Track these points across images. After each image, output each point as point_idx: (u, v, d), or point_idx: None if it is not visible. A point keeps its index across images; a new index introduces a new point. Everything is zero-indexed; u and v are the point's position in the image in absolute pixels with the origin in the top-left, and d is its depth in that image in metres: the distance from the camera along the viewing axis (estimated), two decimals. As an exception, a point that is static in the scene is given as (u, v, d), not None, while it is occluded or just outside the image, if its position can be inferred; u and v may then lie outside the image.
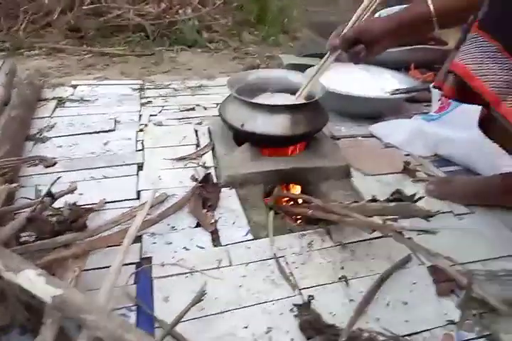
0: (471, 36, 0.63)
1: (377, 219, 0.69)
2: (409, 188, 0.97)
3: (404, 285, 0.72)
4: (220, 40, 2.32)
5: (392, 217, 0.67)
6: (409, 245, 0.63)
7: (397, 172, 1.03)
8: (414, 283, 0.72)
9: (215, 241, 0.82)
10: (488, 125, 0.79)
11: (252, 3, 2.50)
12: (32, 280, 0.53)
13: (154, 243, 0.80)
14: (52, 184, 0.72)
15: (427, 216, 0.62)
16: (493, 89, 0.60)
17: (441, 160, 1.10)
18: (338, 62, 0.90)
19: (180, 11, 2.41)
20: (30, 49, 2.04)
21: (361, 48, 0.79)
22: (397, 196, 0.67)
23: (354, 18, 0.84)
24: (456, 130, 1.01)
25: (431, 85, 1.11)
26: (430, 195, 0.94)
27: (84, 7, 2.25)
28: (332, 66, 0.93)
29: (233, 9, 2.57)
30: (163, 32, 2.26)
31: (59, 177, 0.78)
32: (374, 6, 0.83)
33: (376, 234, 0.77)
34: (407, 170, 1.01)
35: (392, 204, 0.67)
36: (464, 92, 0.65)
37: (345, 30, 0.82)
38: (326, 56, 0.90)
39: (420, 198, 0.67)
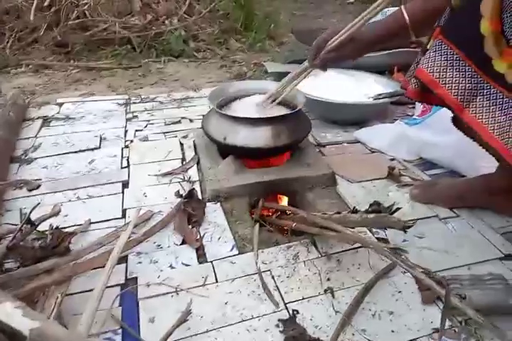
0: (436, 43, 0.64)
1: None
2: (395, 194, 0.98)
3: (389, 294, 0.72)
4: (207, 48, 2.33)
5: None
6: (388, 257, 0.63)
7: (382, 178, 1.03)
8: (400, 292, 0.72)
9: (201, 257, 0.82)
10: (460, 122, 0.79)
11: (238, 10, 2.51)
12: (9, 313, 0.53)
13: (140, 262, 0.80)
14: (31, 211, 0.72)
15: (404, 227, 0.62)
16: (456, 97, 0.60)
17: (426, 164, 1.10)
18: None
19: (166, 22, 2.42)
20: (17, 66, 2.05)
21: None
22: (376, 207, 0.68)
23: (336, 42, 0.83)
24: (439, 133, 1.01)
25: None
26: (415, 199, 0.94)
27: (70, 22, 2.26)
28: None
29: (219, 17, 2.58)
30: (150, 43, 2.26)
31: (38, 204, 0.79)
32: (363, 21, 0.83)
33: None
34: (392, 176, 1.01)
35: (371, 215, 0.67)
36: (424, 94, 0.68)
37: (324, 51, 0.85)
38: (302, 68, 0.92)
39: (398, 209, 0.67)
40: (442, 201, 0.92)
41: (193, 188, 0.97)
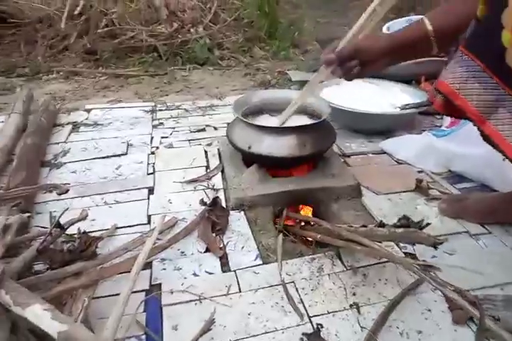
0: (457, 55, 0.63)
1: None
2: (422, 207, 0.96)
3: (418, 312, 0.70)
4: (231, 57, 2.35)
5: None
6: (418, 274, 0.61)
7: (409, 191, 1.01)
8: (429, 310, 0.70)
9: (224, 266, 0.81)
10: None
11: (262, 18, 2.53)
12: (38, 315, 0.54)
13: (164, 269, 0.80)
14: (60, 215, 0.74)
15: (435, 243, 0.60)
16: (477, 109, 0.59)
17: (455, 177, 1.07)
18: (331, 76, 0.88)
19: (191, 30, 2.46)
20: (49, 73, 2.11)
21: (355, 64, 0.78)
22: (404, 222, 0.66)
23: (350, 34, 0.82)
24: (469, 145, 0.99)
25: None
26: (443, 214, 0.92)
27: (99, 30, 2.33)
28: (326, 80, 0.93)
29: (244, 25, 2.61)
30: (176, 51, 2.30)
31: (67, 209, 0.80)
32: (373, 23, 0.82)
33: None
34: (420, 188, 0.99)
35: (400, 230, 0.66)
36: (452, 107, 0.66)
37: (340, 45, 0.81)
38: (320, 70, 0.88)
39: (428, 224, 0.65)
40: (472, 216, 0.89)
41: (217, 196, 0.98)
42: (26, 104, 1.44)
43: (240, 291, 0.75)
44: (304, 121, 1.04)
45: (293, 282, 0.77)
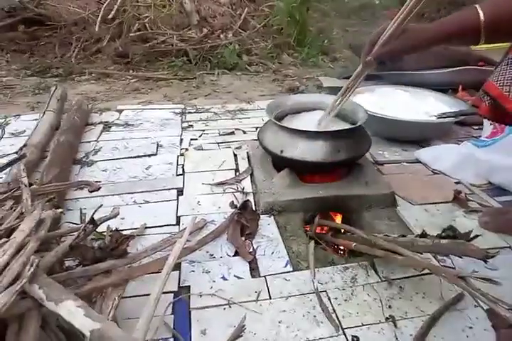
0: (509, 57, 0.61)
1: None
2: (461, 220, 0.92)
3: (459, 329, 0.66)
4: (259, 62, 2.35)
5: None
6: (466, 289, 0.58)
7: (446, 202, 0.97)
8: (471, 328, 0.66)
9: (254, 271, 0.80)
10: None
11: (292, 25, 2.53)
12: (72, 311, 0.53)
13: (193, 271, 0.79)
14: (94, 211, 0.73)
15: (486, 257, 0.56)
16: None
17: (495, 189, 1.03)
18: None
19: (221, 36, 2.48)
20: (81, 74, 2.16)
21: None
22: (450, 233, 0.62)
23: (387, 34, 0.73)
24: (511, 156, 0.94)
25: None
26: (484, 227, 0.88)
27: (131, 34, 2.37)
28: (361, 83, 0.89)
29: (273, 32, 2.61)
30: (205, 56, 2.32)
31: (101, 206, 0.80)
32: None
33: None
34: (458, 200, 0.95)
35: (445, 241, 0.62)
36: (498, 112, 0.64)
37: (380, 42, 0.74)
38: (358, 70, 0.84)
39: (476, 236, 0.62)
40: (516, 230, 0.85)
41: (248, 199, 0.96)
42: (60, 103, 1.46)
43: (270, 298, 0.73)
44: (339, 126, 1.01)
45: (325, 291, 0.74)
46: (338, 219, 0.99)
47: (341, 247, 0.87)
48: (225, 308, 0.71)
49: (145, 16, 2.46)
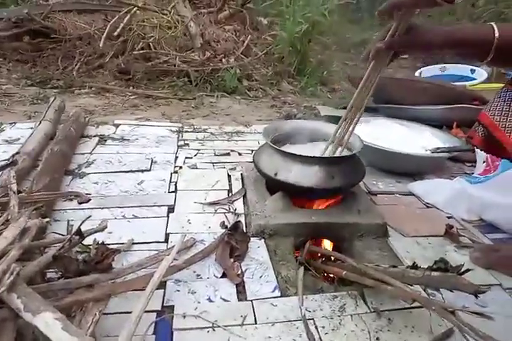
0: (502, 90, 0.66)
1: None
2: (452, 254, 0.91)
3: (448, 366, 0.64)
4: (259, 88, 2.40)
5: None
6: (456, 324, 0.57)
7: (438, 236, 0.97)
8: (460, 366, 0.64)
9: (241, 294, 0.77)
10: None
11: (293, 55, 2.60)
12: (49, 324, 0.51)
13: (178, 291, 0.77)
14: (81, 223, 0.72)
15: (477, 292, 0.56)
16: None
17: (487, 226, 1.03)
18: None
19: (223, 60, 2.53)
20: (81, 87, 2.17)
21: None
22: (442, 265, 0.62)
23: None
24: (504, 194, 0.96)
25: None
26: (475, 263, 0.87)
27: (134, 52, 2.41)
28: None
29: (274, 60, 2.68)
30: (206, 78, 2.35)
31: (89, 217, 0.78)
32: None
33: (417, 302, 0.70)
34: (450, 234, 0.95)
35: (436, 273, 0.62)
36: (490, 143, 0.67)
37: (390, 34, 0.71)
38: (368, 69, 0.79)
39: (468, 270, 0.61)
40: (506, 268, 0.85)
41: (239, 220, 0.95)
42: (57, 114, 1.46)
43: (256, 323, 0.71)
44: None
45: (312, 319, 0.72)
46: (329, 246, 0.98)
47: (331, 275, 0.86)
48: (208, 331, 0.68)
49: (150, 36, 2.51)
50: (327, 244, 0.98)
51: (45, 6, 2.57)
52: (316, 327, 0.70)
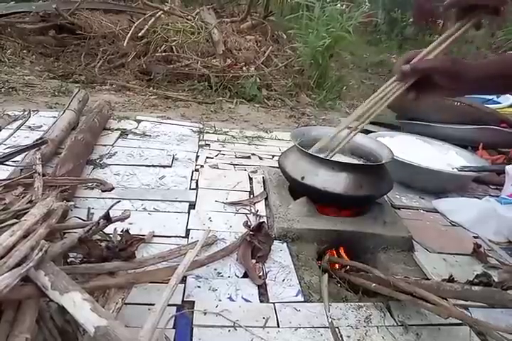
0: None
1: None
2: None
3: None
4: (278, 98, 2.40)
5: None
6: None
7: (465, 254, 0.94)
8: (494, 388, 0.61)
9: (263, 295, 0.75)
10: None
11: (313, 68, 2.61)
12: (77, 304, 0.48)
13: (198, 286, 0.74)
14: (110, 207, 0.70)
15: (527, 307, 0.53)
16: None
17: (515, 249, 1.00)
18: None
19: (244, 68, 2.55)
20: (102, 84, 2.18)
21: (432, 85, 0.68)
22: (484, 279, 0.59)
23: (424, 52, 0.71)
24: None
25: (507, 167, 1.06)
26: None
27: (157, 54, 2.43)
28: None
29: (294, 72, 2.69)
30: (226, 84, 2.35)
31: (118, 201, 0.76)
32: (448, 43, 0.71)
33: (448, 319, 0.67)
34: (478, 254, 0.92)
35: (477, 288, 0.59)
36: None
37: (418, 58, 0.70)
38: (388, 82, 0.77)
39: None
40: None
41: (263, 221, 0.92)
42: (81, 105, 1.45)
43: (279, 326, 0.68)
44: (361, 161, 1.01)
45: (337, 327, 0.69)
46: (347, 255, 0.95)
47: (356, 284, 0.82)
48: (230, 330, 0.65)
49: (173, 39, 2.52)
50: (348, 253, 0.95)
51: (73, 2, 2.60)
52: (341, 336, 0.67)
